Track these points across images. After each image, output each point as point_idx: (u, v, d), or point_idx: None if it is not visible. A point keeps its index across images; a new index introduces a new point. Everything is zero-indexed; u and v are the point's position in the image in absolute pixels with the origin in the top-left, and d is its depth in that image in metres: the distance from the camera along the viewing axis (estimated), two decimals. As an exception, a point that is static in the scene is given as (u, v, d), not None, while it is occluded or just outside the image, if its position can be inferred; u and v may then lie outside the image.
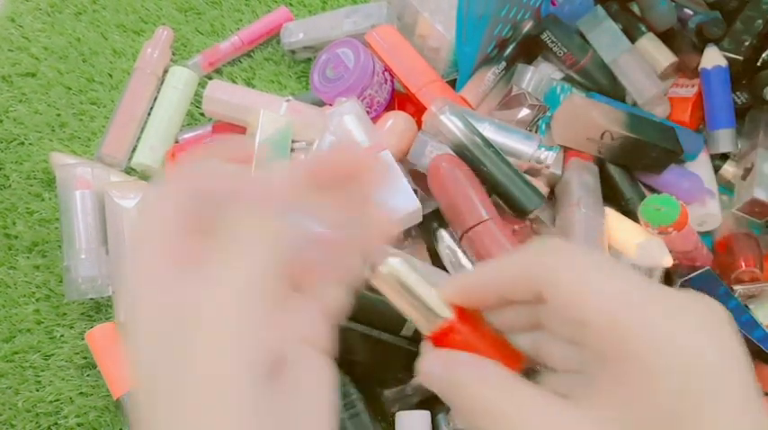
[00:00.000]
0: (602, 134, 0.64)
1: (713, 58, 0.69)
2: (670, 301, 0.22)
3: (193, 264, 0.22)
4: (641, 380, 0.21)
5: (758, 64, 0.69)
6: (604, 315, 0.22)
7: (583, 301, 0.23)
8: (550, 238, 0.25)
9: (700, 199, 0.68)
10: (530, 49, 0.73)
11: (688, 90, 0.72)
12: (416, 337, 0.59)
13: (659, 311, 0.22)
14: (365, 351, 0.58)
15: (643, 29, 0.73)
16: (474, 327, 0.26)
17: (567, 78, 0.74)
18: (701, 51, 0.70)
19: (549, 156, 0.63)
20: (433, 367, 0.25)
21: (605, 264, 0.23)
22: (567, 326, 0.24)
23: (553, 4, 0.75)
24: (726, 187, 0.71)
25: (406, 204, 0.60)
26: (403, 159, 0.66)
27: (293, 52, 0.79)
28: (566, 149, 0.67)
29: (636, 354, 0.21)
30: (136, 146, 0.74)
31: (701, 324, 0.22)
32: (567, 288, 0.23)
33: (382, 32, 0.72)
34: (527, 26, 0.72)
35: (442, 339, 0.26)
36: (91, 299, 0.68)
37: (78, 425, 0.64)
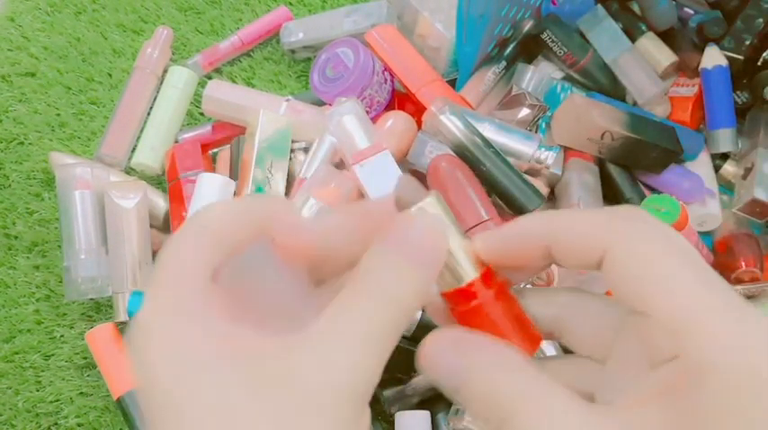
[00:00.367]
0: (603, 134, 0.64)
1: (714, 57, 0.69)
2: (749, 314, 0.18)
3: (265, 328, 0.20)
4: (705, 392, 0.17)
5: (759, 63, 0.69)
6: (675, 307, 0.18)
7: (652, 286, 0.19)
8: (632, 207, 0.21)
9: (700, 199, 0.67)
10: (530, 49, 0.73)
11: (689, 89, 0.72)
12: (416, 337, 0.59)
13: (736, 320, 0.18)
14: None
15: (643, 28, 0.73)
16: (497, 294, 0.23)
17: (568, 78, 0.73)
18: (701, 51, 0.70)
19: (550, 157, 0.63)
20: (440, 349, 0.22)
21: (690, 252, 0.19)
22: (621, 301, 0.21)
23: (553, 3, 0.75)
24: (726, 187, 0.71)
25: (405, 204, 0.60)
26: (403, 159, 0.66)
27: (293, 52, 0.79)
28: (566, 149, 0.67)
29: (706, 363, 0.17)
30: (136, 145, 0.74)
31: None
32: (639, 264, 0.19)
33: (382, 32, 0.72)
34: (527, 25, 0.72)
35: (457, 299, 0.23)
36: (91, 299, 0.68)
37: (78, 425, 0.64)
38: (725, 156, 0.71)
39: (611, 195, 0.66)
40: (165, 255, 0.21)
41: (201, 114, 0.77)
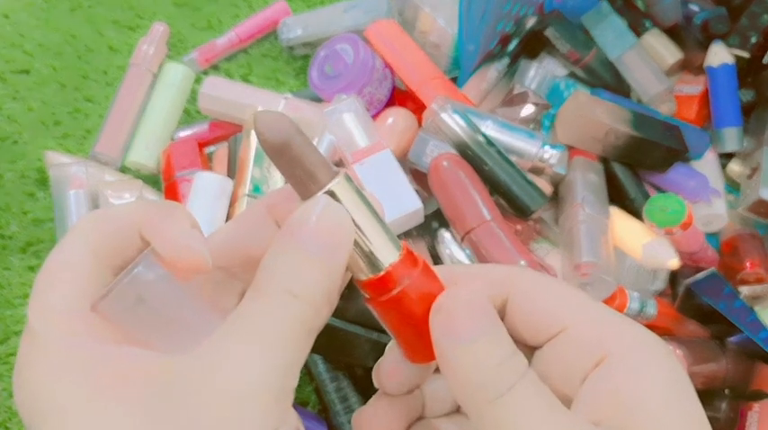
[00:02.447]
0: (607, 132, 0.63)
1: (720, 55, 0.68)
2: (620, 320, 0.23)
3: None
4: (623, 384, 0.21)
5: (764, 61, 0.68)
6: (593, 320, 0.22)
7: (569, 308, 0.22)
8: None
9: (705, 198, 0.67)
10: (533, 46, 0.72)
11: (694, 88, 0.71)
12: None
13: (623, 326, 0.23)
14: (365, 353, 0.57)
15: (648, 24, 0.72)
16: (423, 276, 0.22)
17: (572, 75, 0.72)
18: (706, 48, 0.69)
19: (553, 155, 0.62)
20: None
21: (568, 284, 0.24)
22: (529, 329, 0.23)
23: (556, -1, 0.74)
24: (731, 186, 0.70)
25: (407, 204, 0.59)
26: (403, 158, 0.65)
27: (291, 48, 0.78)
28: (570, 148, 0.66)
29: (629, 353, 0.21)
30: (131, 144, 0.73)
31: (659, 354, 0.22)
32: (547, 295, 0.23)
33: (382, 28, 0.71)
34: (530, 22, 0.71)
35: (376, 289, 0.22)
36: (86, 300, 0.67)
37: (74, 428, 0.63)
38: (730, 155, 0.71)
39: (616, 194, 0.65)
40: (40, 281, 0.20)
41: (198, 112, 0.76)
